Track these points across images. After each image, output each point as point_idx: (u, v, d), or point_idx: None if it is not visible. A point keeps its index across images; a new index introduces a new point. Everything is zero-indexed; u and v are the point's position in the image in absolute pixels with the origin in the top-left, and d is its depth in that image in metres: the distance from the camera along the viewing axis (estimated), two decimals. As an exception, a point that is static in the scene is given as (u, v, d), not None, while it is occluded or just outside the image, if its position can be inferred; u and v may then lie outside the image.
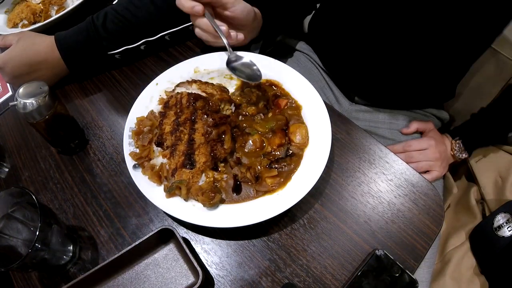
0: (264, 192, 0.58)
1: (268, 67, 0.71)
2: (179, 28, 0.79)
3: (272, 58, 0.72)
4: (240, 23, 0.69)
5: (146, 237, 0.54)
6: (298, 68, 0.70)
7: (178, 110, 0.65)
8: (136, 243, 0.54)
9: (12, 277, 0.60)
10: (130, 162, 0.61)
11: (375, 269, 0.51)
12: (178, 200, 0.58)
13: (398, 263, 0.51)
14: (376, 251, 0.52)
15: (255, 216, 0.54)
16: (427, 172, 0.81)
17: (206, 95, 0.64)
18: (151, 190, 0.59)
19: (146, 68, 0.82)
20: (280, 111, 0.67)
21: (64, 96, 0.82)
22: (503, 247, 0.76)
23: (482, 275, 0.80)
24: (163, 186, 0.59)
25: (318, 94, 0.66)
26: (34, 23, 0.96)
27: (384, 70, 0.79)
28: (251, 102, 0.68)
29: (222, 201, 0.58)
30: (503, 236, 0.77)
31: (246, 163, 0.61)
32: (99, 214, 0.64)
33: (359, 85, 0.88)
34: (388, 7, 0.69)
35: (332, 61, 0.92)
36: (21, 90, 0.62)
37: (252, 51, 0.75)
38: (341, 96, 0.93)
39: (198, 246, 0.59)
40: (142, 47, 0.79)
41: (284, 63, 0.71)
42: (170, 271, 0.56)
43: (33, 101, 0.60)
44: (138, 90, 0.71)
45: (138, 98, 0.70)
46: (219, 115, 0.62)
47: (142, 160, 0.62)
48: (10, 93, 0.86)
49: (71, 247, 0.58)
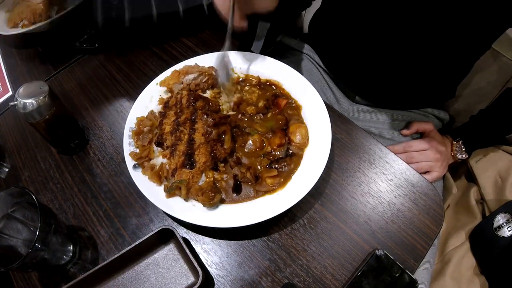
0: (264, 192, 0.58)
1: (268, 67, 0.71)
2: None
3: (272, 58, 0.72)
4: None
5: (146, 237, 0.54)
6: (298, 68, 0.70)
7: (178, 110, 0.65)
8: (136, 243, 0.54)
9: (12, 277, 0.60)
10: (130, 162, 0.61)
11: (375, 269, 0.51)
12: (178, 200, 0.58)
13: (398, 263, 0.51)
14: (376, 251, 0.52)
15: (255, 216, 0.54)
16: (427, 172, 0.81)
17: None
18: (151, 190, 0.59)
19: (146, 68, 0.82)
20: (280, 110, 0.67)
21: (64, 96, 0.82)
22: (503, 247, 0.76)
23: (482, 275, 0.80)
24: (163, 186, 0.59)
25: (318, 94, 0.66)
26: (34, 23, 0.96)
27: (384, 69, 0.79)
28: (250, 102, 0.68)
29: (222, 201, 0.58)
30: (503, 236, 0.77)
31: (246, 163, 0.61)
32: (99, 214, 0.64)
33: (359, 84, 0.88)
34: (390, 6, 0.69)
35: (333, 60, 0.92)
36: (21, 90, 0.62)
37: (252, 51, 0.75)
38: (341, 96, 0.93)
39: (198, 246, 0.59)
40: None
41: (284, 63, 0.71)
42: (170, 271, 0.56)
43: (33, 101, 0.60)
44: (138, 90, 0.71)
45: (138, 98, 0.70)
46: (219, 115, 0.62)
47: (142, 160, 0.62)
48: (10, 93, 0.86)
49: (71, 247, 0.58)
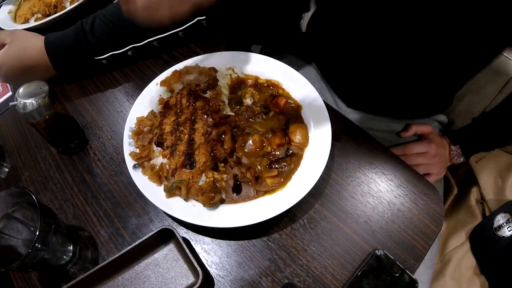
0: (264, 192, 0.58)
1: (268, 67, 0.71)
2: (167, 34, 0.79)
3: (272, 58, 0.72)
4: None
5: (146, 237, 0.54)
6: (297, 69, 0.70)
7: (178, 110, 0.65)
8: (136, 243, 0.54)
9: (12, 277, 0.60)
10: (130, 162, 0.61)
11: (375, 269, 0.51)
12: (178, 200, 0.58)
13: (398, 263, 0.51)
14: (376, 251, 0.52)
15: (255, 216, 0.54)
16: (426, 174, 0.81)
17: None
18: (151, 190, 0.59)
19: (146, 68, 0.82)
20: (280, 110, 0.67)
21: (64, 96, 0.82)
22: (503, 247, 0.76)
23: (482, 275, 0.80)
24: (163, 186, 0.59)
25: (318, 94, 0.66)
26: (49, 15, 0.96)
27: (381, 79, 0.79)
28: (254, 104, 0.68)
29: (222, 201, 0.58)
30: (503, 236, 0.77)
31: (246, 163, 0.61)
32: (99, 214, 0.64)
33: (355, 94, 0.88)
34: (387, 14, 0.68)
35: (329, 69, 0.91)
36: (21, 90, 0.62)
37: (252, 51, 0.75)
38: (339, 100, 0.93)
39: (198, 246, 0.59)
40: (129, 52, 0.79)
41: (284, 63, 0.71)
42: (170, 271, 0.56)
43: (33, 101, 0.60)
44: (138, 90, 0.71)
45: (138, 98, 0.70)
46: (219, 115, 0.62)
47: (142, 160, 0.62)
48: (10, 93, 0.86)
49: (71, 247, 0.58)
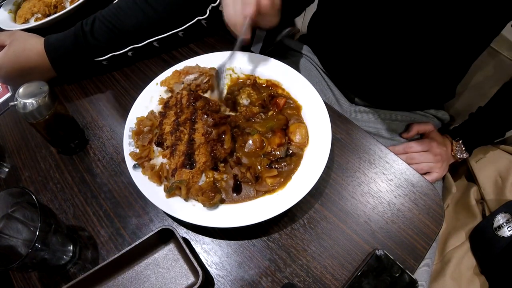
0: (264, 192, 0.58)
1: (268, 67, 0.71)
2: (167, 34, 0.79)
3: (272, 58, 0.72)
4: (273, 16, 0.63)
5: (146, 237, 0.54)
6: (297, 69, 0.70)
7: (178, 110, 0.65)
8: (136, 243, 0.54)
9: (12, 277, 0.60)
10: (130, 162, 0.61)
11: (375, 269, 0.51)
12: (178, 200, 0.58)
13: (398, 263, 0.51)
14: (376, 251, 0.52)
15: (255, 216, 0.54)
16: (427, 173, 0.81)
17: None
18: (151, 190, 0.58)
19: (146, 68, 0.82)
20: (280, 109, 0.67)
21: (64, 96, 0.82)
22: (503, 247, 0.76)
23: (482, 275, 0.80)
24: (163, 186, 0.59)
25: (318, 94, 0.66)
26: (49, 15, 0.96)
27: (383, 70, 0.79)
28: (252, 104, 0.68)
29: (222, 201, 0.58)
30: (503, 236, 0.77)
31: (246, 163, 0.61)
32: (99, 214, 0.64)
33: (358, 86, 0.88)
34: (387, 8, 0.68)
35: (332, 62, 0.92)
36: (21, 90, 0.62)
37: (252, 51, 0.75)
38: (341, 97, 0.93)
39: (198, 246, 0.59)
40: (129, 53, 0.79)
41: (284, 63, 0.71)
42: (170, 271, 0.56)
43: (33, 101, 0.60)
44: (138, 90, 0.71)
45: (138, 98, 0.70)
46: (219, 115, 0.62)
47: (142, 160, 0.62)
48: (10, 93, 0.86)
49: (71, 247, 0.58)
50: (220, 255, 0.57)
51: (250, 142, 0.63)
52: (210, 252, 0.58)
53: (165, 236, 0.56)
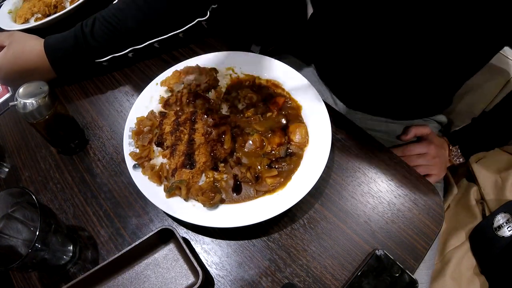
0: (264, 192, 0.58)
1: (268, 67, 0.71)
2: (167, 35, 0.79)
3: (272, 58, 0.72)
4: None
5: (146, 237, 0.54)
6: (296, 70, 0.70)
7: (178, 109, 0.65)
8: (136, 243, 0.54)
9: (12, 277, 0.60)
10: (130, 162, 0.61)
11: (375, 269, 0.51)
12: (178, 200, 0.58)
13: (398, 263, 0.51)
14: (376, 251, 0.52)
15: (255, 216, 0.54)
16: (426, 175, 0.81)
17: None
18: (151, 190, 0.59)
19: (146, 68, 0.83)
20: (279, 108, 0.67)
21: (64, 96, 0.82)
22: (503, 247, 0.76)
23: (482, 275, 0.80)
24: (163, 186, 0.59)
25: (318, 94, 0.66)
26: (49, 15, 0.96)
27: (380, 80, 0.79)
28: (250, 105, 0.68)
29: (222, 201, 0.58)
30: (503, 236, 0.77)
31: (246, 163, 0.61)
32: (99, 214, 0.64)
33: (354, 95, 0.88)
34: (383, 17, 0.67)
35: (328, 71, 0.91)
36: (21, 90, 0.61)
37: (252, 51, 0.75)
38: (338, 101, 0.93)
39: (198, 246, 0.59)
40: (130, 54, 0.79)
41: (284, 63, 0.71)
42: (170, 271, 0.56)
43: (33, 101, 0.60)
44: (138, 90, 0.71)
45: (138, 98, 0.70)
46: (219, 115, 0.62)
47: (142, 160, 0.62)
48: (10, 93, 0.86)
49: (71, 247, 0.58)
50: (220, 255, 0.57)
51: (250, 142, 0.63)
52: (210, 252, 0.58)
53: (165, 236, 0.56)
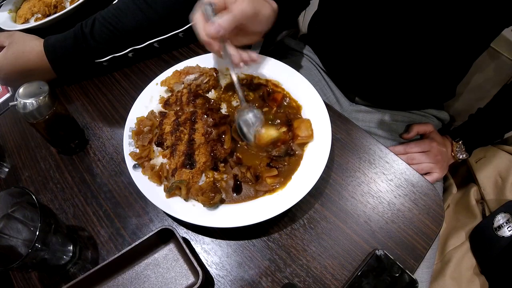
0: (264, 192, 0.58)
1: (268, 67, 0.71)
2: (167, 35, 0.79)
3: (272, 58, 0.72)
4: (261, 30, 0.64)
5: (146, 237, 0.54)
6: (297, 69, 0.70)
7: (178, 109, 0.64)
8: (136, 243, 0.54)
9: (12, 277, 0.60)
10: (130, 162, 0.61)
11: (375, 269, 0.51)
12: (178, 200, 0.58)
13: (398, 263, 0.51)
14: (376, 251, 0.52)
15: (255, 216, 0.54)
16: (428, 173, 0.81)
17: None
18: (151, 190, 0.59)
19: (146, 68, 0.82)
20: (278, 104, 0.67)
21: (64, 96, 0.82)
22: (503, 247, 0.76)
23: (482, 275, 0.80)
24: (163, 186, 0.59)
25: (318, 94, 0.65)
26: (49, 15, 0.96)
27: (384, 70, 0.79)
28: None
29: (222, 201, 0.58)
30: (503, 236, 0.77)
31: (249, 155, 0.61)
32: (99, 214, 0.64)
33: (359, 85, 0.88)
34: (387, 7, 0.68)
35: (332, 61, 0.92)
36: (21, 90, 0.62)
37: (252, 51, 0.75)
38: (341, 97, 0.93)
39: (198, 246, 0.59)
40: (130, 54, 0.79)
41: (284, 63, 0.71)
42: (170, 271, 0.56)
43: (33, 101, 0.60)
44: (138, 90, 0.71)
45: (138, 98, 0.70)
46: (219, 115, 0.62)
47: (142, 160, 0.62)
48: (10, 93, 0.86)
49: (71, 247, 0.58)
50: (220, 255, 0.57)
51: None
52: (210, 252, 0.58)
53: (165, 236, 0.56)
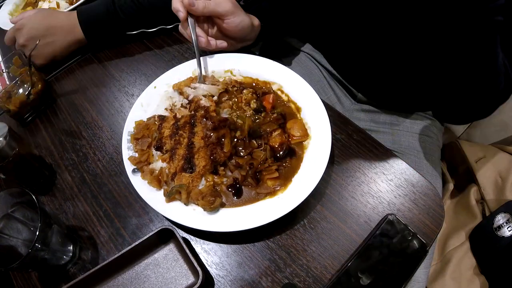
0: (265, 195, 0.58)
1: (267, 69, 0.71)
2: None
3: (272, 58, 0.72)
4: (234, 35, 0.71)
5: (146, 237, 0.54)
6: (298, 68, 0.70)
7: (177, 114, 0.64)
8: (136, 243, 0.54)
9: (12, 277, 0.60)
10: (129, 167, 0.61)
11: (388, 231, 0.54)
12: (178, 204, 0.58)
13: (409, 227, 0.54)
14: (389, 216, 0.55)
15: (257, 220, 0.54)
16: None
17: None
18: (151, 194, 0.58)
19: (146, 68, 0.83)
20: (272, 105, 0.67)
21: (64, 96, 0.82)
22: (503, 247, 0.76)
23: (482, 275, 0.80)
24: (163, 190, 0.59)
25: (317, 95, 0.65)
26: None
27: (388, 68, 0.79)
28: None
29: (222, 205, 0.57)
30: (503, 236, 0.77)
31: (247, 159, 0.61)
32: (99, 214, 0.64)
33: (362, 82, 0.88)
34: (391, 8, 0.68)
35: (336, 58, 0.91)
36: None
37: (252, 51, 0.75)
38: (343, 96, 0.93)
39: (198, 246, 0.59)
40: (158, 29, 0.83)
41: (285, 63, 0.71)
42: (170, 271, 0.56)
43: None
44: (138, 90, 0.71)
45: (136, 101, 0.69)
46: (218, 118, 0.62)
47: (141, 165, 0.61)
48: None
49: (71, 247, 0.58)
50: (220, 255, 0.57)
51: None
52: (210, 252, 0.58)
53: (165, 236, 0.56)
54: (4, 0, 1.04)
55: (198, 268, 0.51)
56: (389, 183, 0.61)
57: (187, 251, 0.52)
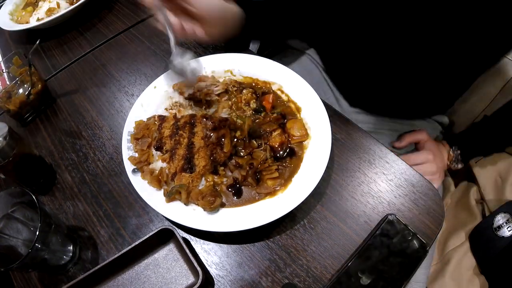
0: (266, 195, 0.58)
1: (267, 69, 0.71)
2: None
3: (272, 58, 0.72)
4: (203, 16, 0.63)
5: (146, 237, 0.54)
6: (298, 68, 0.70)
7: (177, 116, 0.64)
8: (136, 243, 0.54)
9: (12, 277, 0.60)
10: (129, 167, 0.61)
11: (388, 231, 0.54)
12: (178, 204, 0.58)
13: (409, 227, 0.53)
14: (389, 216, 0.54)
15: (257, 220, 0.54)
16: None
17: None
18: (151, 194, 0.58)
19: (145, 68, 0.83)
20: (271, 107, 0.67)
21: (64, 96, 0.82)
22: (503, 247, 0.76)
23: (482, 275, 0.80)
24: (163, 190, 0.59)
25: (318, 95, 0.65)
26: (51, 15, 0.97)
27: (384, 77, 0.79)
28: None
29: (222, 205, 0.57)
30: (503, 236, 0.77)
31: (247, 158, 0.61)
32: (99, 214, 0.64)
33: (359, 93, 0.88)
34: (391, 16, 0.68)
35: (334, 66, 0.91)
36: None
37: (251, 51, 0.75)
38: (341, 98, 0.93)
39: (198, 246, 0.59)
40: None
41: (285, 63, 0.71)
42: (170, 271, 0.56)
43: None
44: (138, 90, 0.71)
45: (136, 101, 0.69)
46: (218, 118, 0.62)
47: (141, 165, 0.61)
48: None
49: (71, 247, 0.58)
50: (220, 255, 0.57)
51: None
52: (210, 252, 0.58)
53: (165, 236, 0.56)
54: (4, 0, 1.04)
55: (198, 268, 0.51)
56: (389, 183, 0.61)
57: (187, 251, 0.52)
